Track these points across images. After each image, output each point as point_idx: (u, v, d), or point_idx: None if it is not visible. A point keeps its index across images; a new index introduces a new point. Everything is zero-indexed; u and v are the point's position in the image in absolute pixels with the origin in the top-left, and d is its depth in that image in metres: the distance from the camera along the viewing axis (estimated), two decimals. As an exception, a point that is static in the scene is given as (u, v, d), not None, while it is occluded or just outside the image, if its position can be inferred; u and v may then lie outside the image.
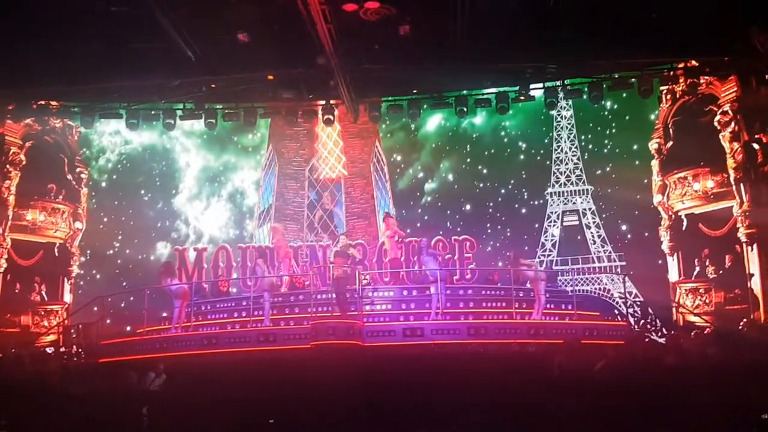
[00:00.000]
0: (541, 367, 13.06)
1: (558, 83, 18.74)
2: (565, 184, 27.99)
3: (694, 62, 18.64)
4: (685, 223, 20.77)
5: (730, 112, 18.65)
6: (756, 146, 18.22)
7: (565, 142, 27.33)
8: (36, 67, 16.65)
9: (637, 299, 22.19)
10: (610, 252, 26.54)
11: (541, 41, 16.53)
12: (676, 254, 21.03)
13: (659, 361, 13.32)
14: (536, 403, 11.33)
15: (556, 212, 28.15)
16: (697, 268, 19.86)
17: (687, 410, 10.60)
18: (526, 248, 17.68)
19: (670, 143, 21.22)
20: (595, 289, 25.84)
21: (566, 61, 17.62)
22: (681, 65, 18.88)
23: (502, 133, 25.22)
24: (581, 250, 27.60)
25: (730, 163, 18.64)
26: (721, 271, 19.30)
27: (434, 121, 25.68)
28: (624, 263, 25.36)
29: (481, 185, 26.28)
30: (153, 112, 19.49)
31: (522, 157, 26.19)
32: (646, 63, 18.33)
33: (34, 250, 21.56)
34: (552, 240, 27.84)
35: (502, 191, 26.17)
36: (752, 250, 18.29)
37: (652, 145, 21.57)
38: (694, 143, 20.02)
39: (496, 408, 11.60)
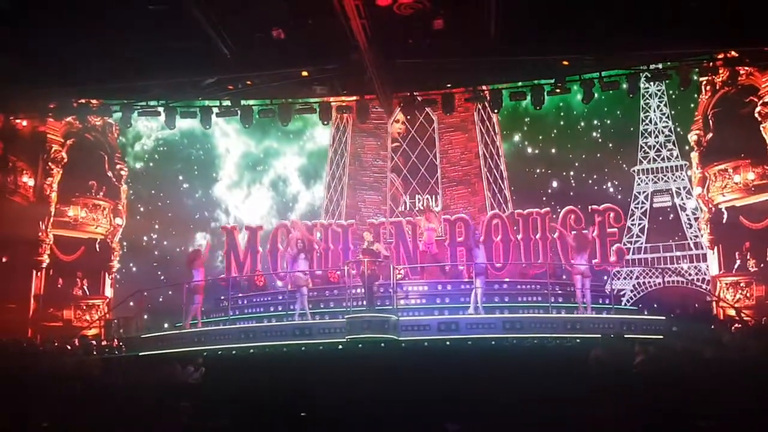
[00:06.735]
0: (579, 361, 12.99)
1: (595, 75, 18.55)
2: (654, 160, 24.33)
3: (733, 53, 18.31)
4: (725, 215, 20.42)
5: (770, 103, 18.32)
6: (797, 137, 17.90)
7: (654, 111, 23.91)
8: (76, 65, 16.93)
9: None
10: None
11: (577, 33, 16.35)
12: (716, 248, 20.70)
13: (699, 355, 13.17)
14: (573, 397, 11.27)
15: (644, 192, 24.63)
16: (738, 262, 19.53)
17: (727, 404, 10.46)
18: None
19: (710, 135, 20.88)
20: (684, 280, 22.34)
21: (603, 52, 17.42)
22: (720, 56, 18.55)
23: (572, 111, 22.90)
24: (674, 236, 23.86)
25: (772, 155, 18.32)
26: (762, 265, 18.97)
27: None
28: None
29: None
30: (190, 110, 19.71)
31: (594, 134, 23.88)
32: (684, 54, 18.05)
33: (75, 245, 21.99)
34: (640, 224, 24.54)
35: (572, 170, 23.81)
36: (794, 243, 17.99)
37: (692, 137, 21.22)
38: (735, 135, 19.67)
39: (532, 402, 11.56)
